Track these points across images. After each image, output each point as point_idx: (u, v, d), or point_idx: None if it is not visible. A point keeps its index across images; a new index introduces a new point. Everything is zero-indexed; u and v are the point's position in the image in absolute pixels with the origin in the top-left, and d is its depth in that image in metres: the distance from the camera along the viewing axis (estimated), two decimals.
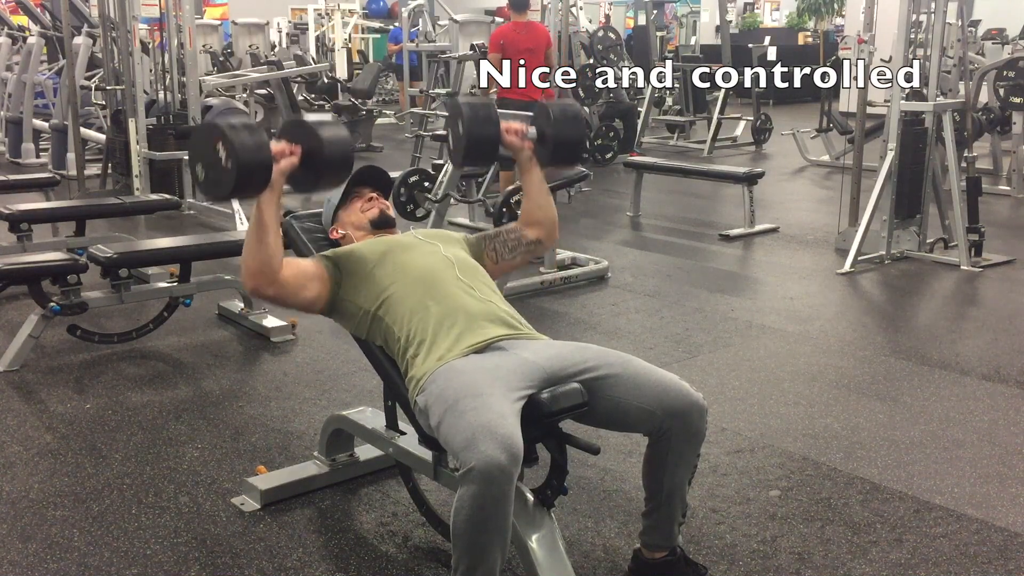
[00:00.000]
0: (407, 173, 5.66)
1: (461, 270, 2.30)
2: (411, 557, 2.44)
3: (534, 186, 2.52)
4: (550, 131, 2.42)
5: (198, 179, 2.15)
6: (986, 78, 7.87)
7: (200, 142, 2.11)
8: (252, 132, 2.06)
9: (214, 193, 2.12)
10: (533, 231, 2.53)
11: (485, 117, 2.40)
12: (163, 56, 7.49)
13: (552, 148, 2.43)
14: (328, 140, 2.18)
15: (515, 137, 2.45)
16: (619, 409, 2.09)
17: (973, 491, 2.78)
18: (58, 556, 2.43)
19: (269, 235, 2.16)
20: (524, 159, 2.48)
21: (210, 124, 2.09)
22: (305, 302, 2.29)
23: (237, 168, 2.02)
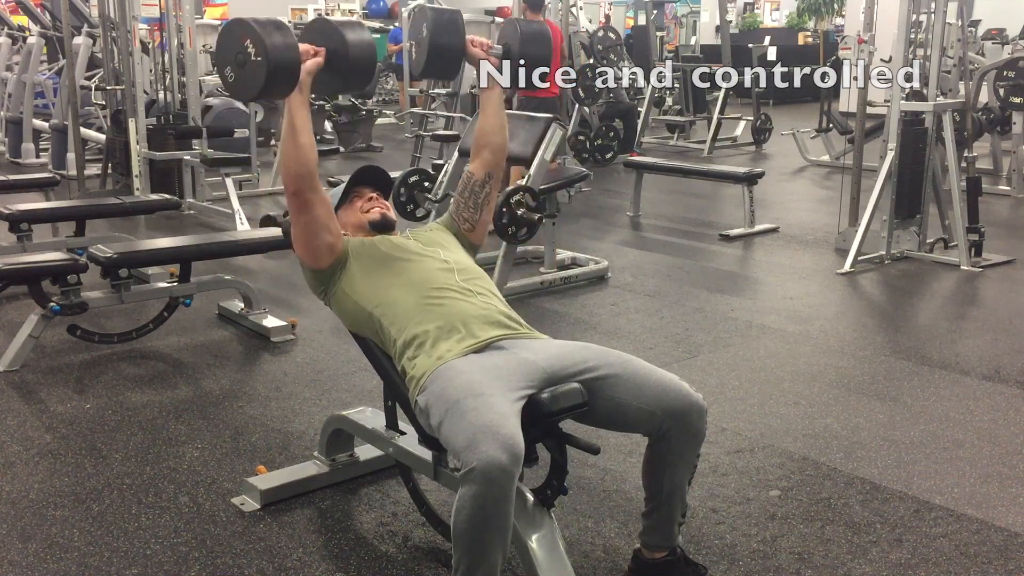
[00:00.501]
0: (407, 173, 5.65)
1: (461, 275, 2.30)
2: (411, 557, 2.44)
3: (492, 104, 2.51)
4: (516, 48, 2.40)
5: (227, 81, 2.14)
6: (986, 78, 7.87)
7: (229, 42, 2.11)
8: (281, 30, 2.07)
9: (244, 92, 2.13)
10: (480, 165, 2.52)
11: (450, 25, 2.38)
12: (163, 56, 7.49)
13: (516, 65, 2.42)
14: (352, 42, 2.17)
15: (479, 49, 2.44)
16: (619, 409, 2.09)
17: (973, 491, 2.78)
18: (58, 556, 2.43)
19: (303, 136, 2.17)
20: None
21: (239, 21, 2.09)
22: (323, 242, 2.29)
23: (267, 65, 2.03)
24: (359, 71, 2.22)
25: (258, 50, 2.04)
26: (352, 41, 2.18)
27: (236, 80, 2.12)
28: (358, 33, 2.21)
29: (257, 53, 2.04)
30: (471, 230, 2.52)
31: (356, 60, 2.19)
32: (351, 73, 2.21)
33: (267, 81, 2.05)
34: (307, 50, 2.18)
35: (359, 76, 2.25)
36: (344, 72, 2.20)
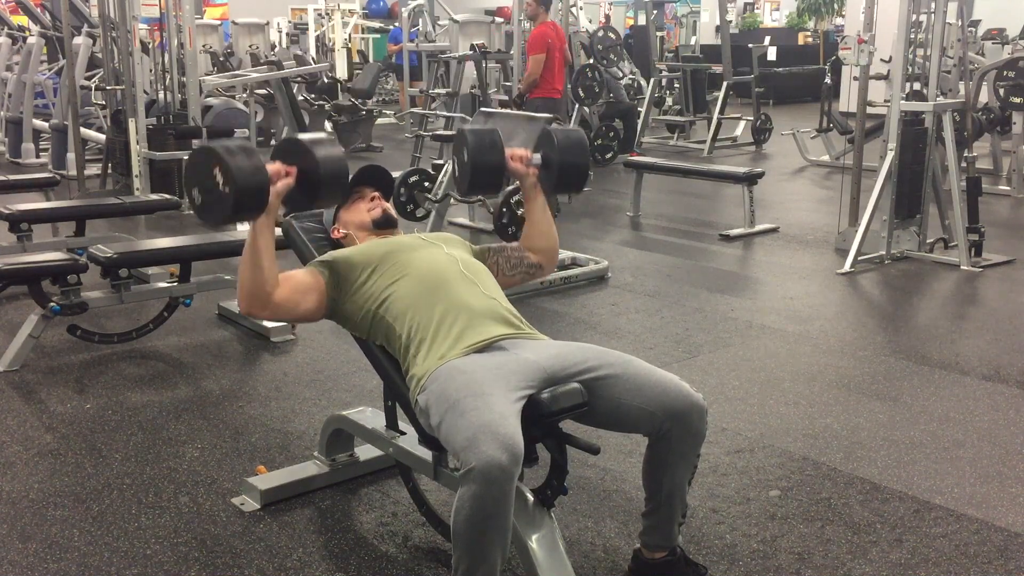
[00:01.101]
0: (407, 173, 5.66)
1: (465, 268, 2.31)
2: (411, 557, 2.44)
3: (537, 212, 2.52)
4: (555, 157, 2.42)
5: (195, 203, 2.12)
6: (986, 78, 7.87)
7: (198, 167, 2.09)
8: (249, 155, 2.04)
9: (211, 219, 2.10)
10: (535, 256, 2.54)
11: (490, 145, 2.41)
12: (163, 56, 7.49)
13: (557, 174, 2.44)
14: (323, 159, 2.16)
15: (519, 164, 2.45)
16: (619, 409, 2.09)
17: (973, 491, 2.78)
18: (58, 556, 2.43)
19: (263, 259, 2.15)
20: (528, 185, 2.48)
21: (207, 148, 2.06)
22: (304, 315, 2.31)
23: (235, 193, 2.00)
24: (330, 188, 2.21)
25: (226, 179, 2.01)
26: (322, 158, 2.16)
27: (203, 204, 2.10)
28: (328, 149, 2.20)
29: (225, 182, 2.02)
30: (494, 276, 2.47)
31: (326, 176, 2.17)
32: (321, 190, 2.20)
33: (234, 209, 2.03)
34: (278, 171, 2.15)
35: (330, 193, 2.24)
36: (314, 189, 2.19)
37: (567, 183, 2.49)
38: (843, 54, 5.73)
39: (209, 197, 2.07)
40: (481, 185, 2.51)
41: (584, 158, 2.46)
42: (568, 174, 2.45)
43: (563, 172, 2.43)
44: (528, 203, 2.53)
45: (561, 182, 2.47)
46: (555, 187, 2.48)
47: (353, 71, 13.46)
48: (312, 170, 2.16)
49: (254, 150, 2.09)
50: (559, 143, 2.42)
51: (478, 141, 2.41)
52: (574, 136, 2.47)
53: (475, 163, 2.40)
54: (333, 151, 2.21)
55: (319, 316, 2.33)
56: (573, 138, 2.46)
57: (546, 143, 2.46)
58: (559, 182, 2.46)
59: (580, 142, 2.46)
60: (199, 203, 2.11)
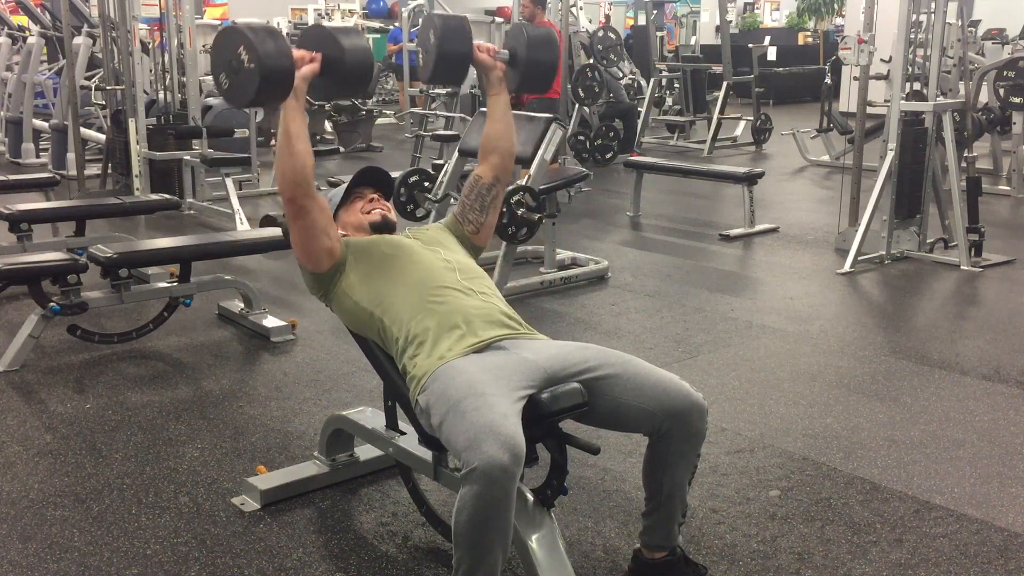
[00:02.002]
0: (407, 173, 5.65)
1: (462, 274, 2.30)
2: (411, 557, 2.44)
3: (499, 109, 2.49)
4: (523, 54, 2.39)
5: (221, 88, 2.14)
6: (986, 78, 7.87)
7: (223, 49, 2.11)
8: (275, 37, 2.07)
9: (238, 99, 2.13)
10: (488, 169, 2.51)
11: (457, 31, 2.37)
12: (163, 56, 7.49)
13: (523, 70, 2.41)
14: (348, 47, 2.17)
15: (486, 55, 2.43)
16: (619, 409, 2.09)
17: (973, 491, 2.78)
18: (58, 556, 2.43)
19: (298, 143, 2.17)
20: (494, 79, 2.46)
21: (233, 29, 2.09)
22: (322, 246, 2.29)
23: (260, 72, 2.03)
24: (355, 76, 2.22)
25: (251, 57, 2.04)
26: (348, 46, 2.17)
27: (230, 86, 2.12)
28: (353, 39, 2.20)
29: (250, 60, 2.04)
30: (475, 232, 2.51)
31: (352, 65, 2.18)
32: (347, 78, 2.21)
33: (260, 87, 2.05)
34: (303, 56, 2.18)
35: (355, 81, 2.24)
36: (340, 77, 2.20)
37: (533, 80, 2.45)
38: (843, 54, 5.73)
39: (236, 78, 2.09)
40: (445, 73, 2.45)
41: (552, 55, 2.43)
42: (535, 70, 2.42)
43: (530, 68, 2.41)
44: (491, 98, 2.49)
45: (527, 78, 2.43)
46: (521, 83, 2.45)
47: None
48: (337, 58, 2.17)
49: (279, 32, 2.11)
50: (528, 38, 2.39)
51: (446, 26, 2.36)
52: (543, 32, 2.44)
53: (441, 50, 2.35)
54: (359, 41, 2.21)
55: (325, 265, 2.31)
56: (542, 33, 2.43)
57: (515, 38, 2.43)
58: (525, 78, 2.43)
59: (549, 38, 2.43)
60: (226, 86, 2.13)
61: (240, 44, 2.05)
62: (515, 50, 2.42)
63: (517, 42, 2.41)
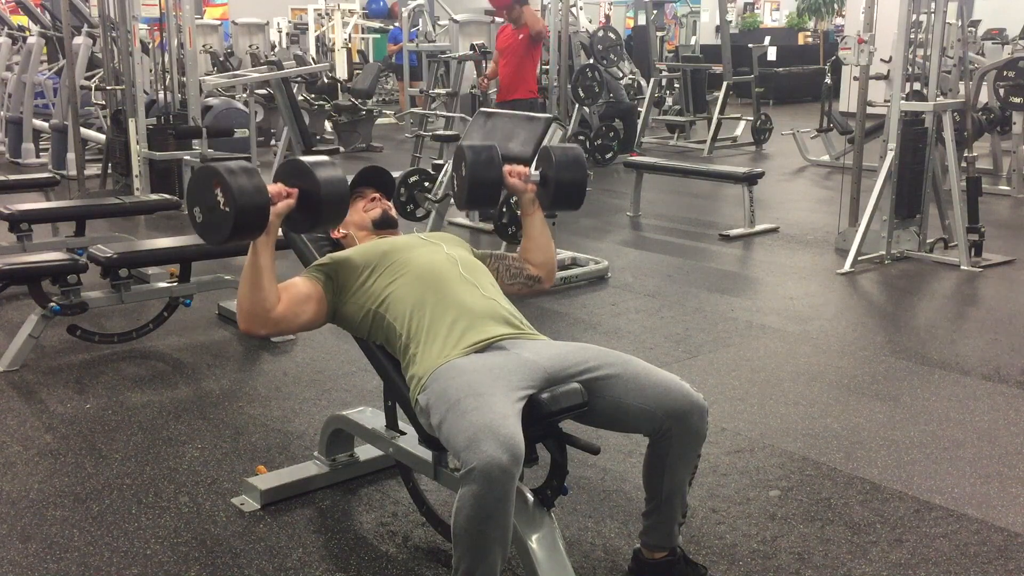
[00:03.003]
0: (407, 173, 5.66)
1: (464, 267, 2.30)
2: (411, 557, 2.44)
3: (535, 228, 2.52)
4: (552, 174, 2.43)
5: (195, 222, 2.13)
6: (986, 78, 7.87)
7: (199, 186, 2.10)
8: (250, 176, 2.05)
9: (212, 237, 2.11)
10: (537, 270, 2.54)
11: (488, 161, 2.42)
12: (163, 56, 7.49)
13: (554, 191, 2.45)
14: (324, 181, 2.16)
15: (518, 180, 2.46)
16: (619, 409, 2.09)
17: (973, 491, 2.78)
18: (58, 556, 2.43)
19: (263, 278, 2.14)
20: (526, 201, 2.49)
21: (208, 168, 2.07)
22: (305, 325, 2.29)
23: (235, 212, 2.01)
24: (331, 210, 2.21)
25: (226, 198, 2.02)
26: (323, 180, 2.16)
27: (204, 222, 2.11)
28: (329, 171, 2.19)
29: (225, 202, 2.02)
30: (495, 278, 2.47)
31: (328, 198, 2.17)
32: (323, 212, 2.20)
33: (234, 228, 2.04)
34: (279, 192, 2.15)
35: (330, 215, 2.24)
36: (316, 211, 2.19)
37: (565, 200, 2.49)
38: (843, 54, 5.73)
39: (210, 216, 2.08)
40: (479, 200, 2.53)
41: (582, 175, 2.46)
42: (565, 191, 2.46)
43: (560, 189, 2.44)
44: (526, 218, 2.53)
45: (558, 199, 2.47)
46: (552, 203, 2.49)
47: (353, 71, 13.46)
48: (314, 192, 2.16)
49: (255, 170, 2.09)
50: (556, 160, 2.43)
51: (476, 157, 2.42)
52: (572, 153, 2.47)
53: (473, 178, 2.42)
54: (335, 173, 2.20)
55: (320, 323, 2.32)
56: (571, 155, 2.47)
57: (544, 160, 2.47)
58: (556, 198, 2.47)
59: (578, 159, 2.47)
60: (200, 221, 2.11)
61: (216, 184, 2.03)
62: (545, 172, 2.46)
63: (546, 164, 2.45)
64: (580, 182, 2.47)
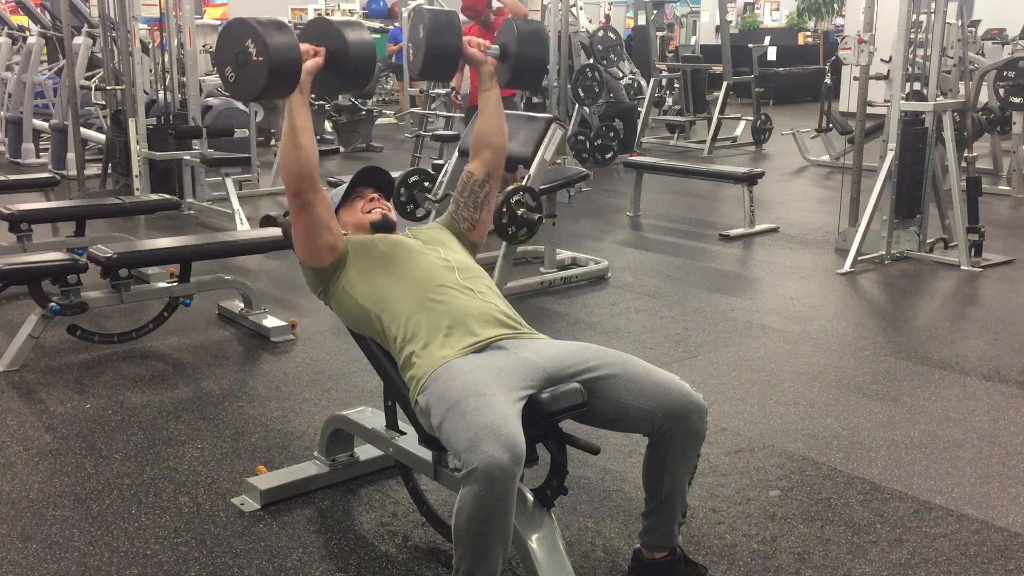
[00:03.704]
0: (407, 173, 5.65)
1: (461, 273, 2.30)
2: (411, 557, 2.44)
3: (490, 104, 2.49)
4: (514, 48, 2.38)
5: (227, 81, 2.13)
6: (986, 78, 7.87)
7: (229, 41, 2.10)
8: (282, 30, 2.06)
9: (245, 93, 2.11)
10: (480, 165, 2.51)
11: (447, 26, 2.36)
12: (163, 56, 7.49)
13: (514, 66, 2.40)
14: (352, 41, 2.16)
15: (477, 50, 2.43)
16: (619, 409, 2.09)
17: (973, 491, 2.78)
18: (58, 556, 2.43)
19: (304, 136, 2.17)
20: (485, 74, 2.46)
21: (241, 21, 2.08)
22: (324, 241, 2.29)
23: (269, 65, 2.01)
24: (359, 71, 2.21)
25: (259, 50, 2.02)
26: (352, 40, 2.17)
27: (237, 80, 2.11)
28: (358, 32, 2.19)
29: (258, 53, 2.03)
30: (471, 229, 2.52)
31: (356, 59, 2.18)
32: (351, 73, 2.20)
33: (268, 81, 2.04)
34: (307, 50, 2.18)
35: (359, 75, 2.24)
36: (344, 72, 2.19)
37: (524, 76, 2.44)
38: (843, 54, 5.73)
39: (243, 72, 2.08)
40: (435, 68, 2.44)
41: (542, 51, 2.41)
42: (526, 66, 2.41)
43: (520, 63, 2.39)
44: (483, 93, 2.49)
45: (518, 74, 2.42)
46: (511, 79, 2.43)
47: None
48: (341, 52, 2.16)
49: (286, 25, 2.10)
50: (518, 33, 2.38)
51: (435, 20, 2.35)
52: (533, 27, 2.43)
53: (431, 44, 2.34)
54: (363, 35, 2.20)
55: (327, 261, 2.31)
56: (532, 28, 2.41)
57: (505, 33, 2.42)
58: (516, 74, 2.42)
59: (539, 33, 2.42)
60: (232, 80, 2.11)
61: (248, 37, 2.04)
62: (506, 45, 2.41)
63: (508, 37, 2.41)
64: (541, 58, 2.42)
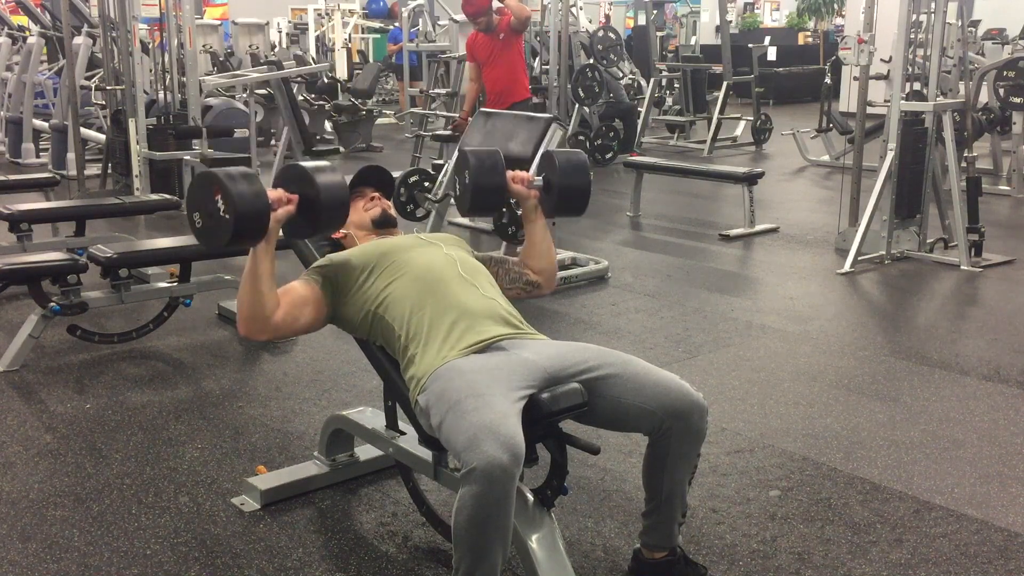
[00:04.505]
0: (407, 173, 5.66)
1: (463, 268, 2.30)
2: (411, 557, 2.44)
3: (537, 234, 2.51)
4: (556, 180, 2.42)
5: (194, 227, 2.12)
6: (986, 78, 7.87)
7: (199, 191, 2.09)
8: (250, 182, 2.04)
9: (211, 242, 2.10)
10: (534, 274, 2.53)
11: (491, 167, 2.41)
12: (163, 56, 7.49)
13: (557, 197, 2.44)
14: (324, 187, 2.15)
15: (521, 186, 2.45)
16: (619, 409, 2.09)
17: (973, 491, 2.78)
18: (58, 556, 2.43)
19: (263, 284, 2.13)
20: (529, 208, 2.48)
21: (208, 174, 2.06)
22: (304, 328, 2.29)
23: (235, 218, 2.00)
24: (331, 216, 2.20)
25: (226, 204, 2.01)
26: (324, 185, 2.15)
27: (204, 227, 2.09)
28: (329, 177, 2.18)
29: (225, 209, 2.01)
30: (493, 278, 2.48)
31: (328, 204, 2.16)
32: (323, 218, 2.19)
33: (233, 235, 2.03)
34: (279, 197, 2.14)
35: (331, 221, 2.23)
36: (316, 217, 2.18)
37: (568, 206, 2.48)
38: (843, 54, 5.73)
39: (210, 221, 2.07)
40: (483, 206, 2.51)
41: (586, 181, 2.45)
42: (569, 197, 2.44)
43: (564, 195, 2.43)
44: (528, 224, 2.51)
45: (562, 205, 2.46)
46: (555, 210, 2.48)
47: (353, 71, 13.46)
48: (314, 197, 2.15)
49: (255, 176, 2.08)
50: (560, 166, 2.41)
51: (479, 163, 2.40)
52: (576, 159, 2.46)
53: (476, 185, 2.40)
54: (335, 179, 2.19)
55: (319, 325, 2.32)
56: (575, 161, 2.45)
57: (547, 166, 2.46)
58: (560, 205, 2.46)
59: (582, 165, 2.45)
60: (200, 227, 2.10)
61: (216, 190, 2.02)
62: (548, 177, 2.44)
63: (549, 169, 2.44)
64: (584, 188, 2.45)
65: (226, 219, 2.02)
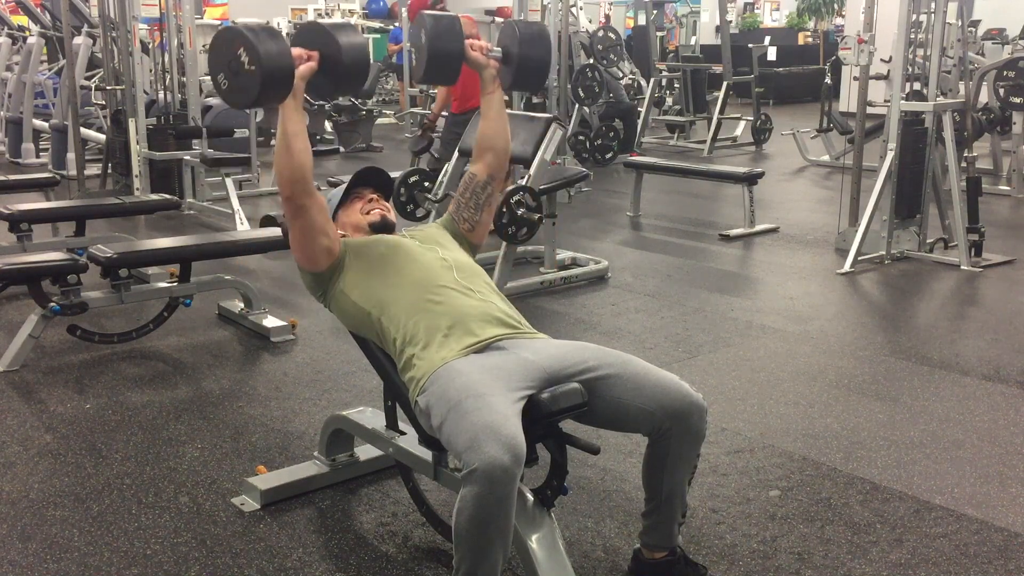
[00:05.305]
0: (407, 173, 5.65)
1: (460, 272, 2.30)
2: (411, 557, 2.44)
3: (493, 108, 2.49)
4: (515, 50, 2.37)
5: (220, 89, 2.12)
6: (986, 78, 7.87)
7: (221, 50, 2.09)
8: (274, 37, 2.05)
9: (238, 101, 2.10)
10: (483, 167, 2.51)
11: (448, 30, 2.36)
12: (163, 56, 7.49)
13: (516, 68, 2.39)
14: (345, 45, 2.15)
15: (479, 53, 2.42)
16: (619, 409, 2.09)
17: (973, 491, 2.78)
18: (58, 556, 2.43)
19: (297, 142, 2.17)
20: (487, 77, 2.45)
21: (232, 29, 2.07)
22: (320, 245, 2.28)
23: (261, 74, 2.00)
24: (353, 74, 2.20)
25: (251, 58, 2.01)
26: (345, 44, 2.15)
27: (230, 88, 2.09)
28: (350, 36, 2.18)
29: (251, 61, 2.02)
30: (471, 230, 2.52)
31: (350, 63, 2.16)
32: (345, 76, 2.19)
33: (261, 89, 2.03)
34: (300, 55, 2.17)
35: (353, 79, 2.22)
36: (338, 75, 2.18)
37: (526, 78, 2.43)
38: (843, 54, 5.73)
39: (236, 80, 2.07)
40: (438, 72, 2.44)
41: (545, 52, 2.40)
42: (528, 68, 2.39)
43: (523, 66, 2.38)
44: (485, 96, 2.48)
45: (520, 77, 2.42)
46: (513, 81, 2.43)
47: None
48: (335, 56, 2.15)
49: (278, 32, 2.09)
50: (520, 35, 2.37)
51: (436, 26, 2.34)
52: (536, 29, 2.41)
53: (432, 49, 2.34)
54: (355, 37, 2.19)
55: (323, 264, 2.31)
56: (535, 30, 2.40)
57: (507, 36, 2.41)
58: (518, 77, 2.41)
59: (542, 35, 2.40)
60: (225, 87, 2.10)
61: (240, 45, 2.03)
62: (508, 48, 2.40)
63: (509, 40, 2.40)
64: (543, 61, 2.40)
65: (252, 73, 2.02)
